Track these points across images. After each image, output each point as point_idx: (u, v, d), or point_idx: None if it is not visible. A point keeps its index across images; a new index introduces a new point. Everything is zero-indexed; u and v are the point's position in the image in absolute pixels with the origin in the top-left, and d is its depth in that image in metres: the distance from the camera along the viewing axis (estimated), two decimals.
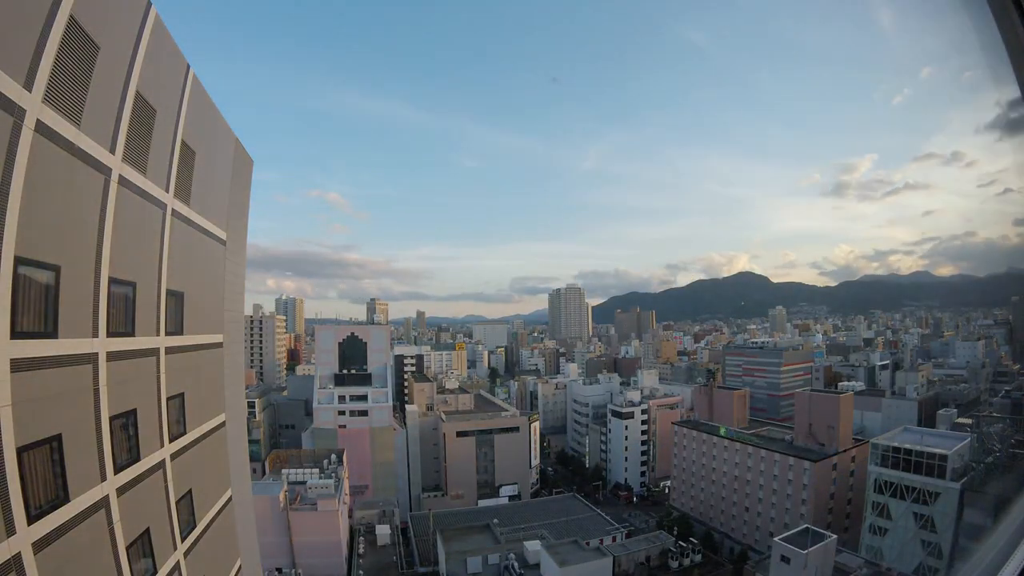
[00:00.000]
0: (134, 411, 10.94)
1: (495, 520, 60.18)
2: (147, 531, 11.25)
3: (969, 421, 67.81)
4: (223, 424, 16.64)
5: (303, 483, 54.20)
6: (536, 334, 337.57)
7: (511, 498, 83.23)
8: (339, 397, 79.60)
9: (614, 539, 55.26)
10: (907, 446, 49.32)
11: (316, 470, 57.67)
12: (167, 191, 12.38)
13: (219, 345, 16.57)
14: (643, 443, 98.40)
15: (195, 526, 13.97)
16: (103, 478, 9.56)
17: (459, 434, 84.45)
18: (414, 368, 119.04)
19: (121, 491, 10.18)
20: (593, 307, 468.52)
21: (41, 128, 7.64)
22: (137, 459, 10.98)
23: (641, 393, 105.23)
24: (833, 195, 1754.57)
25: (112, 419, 9.89)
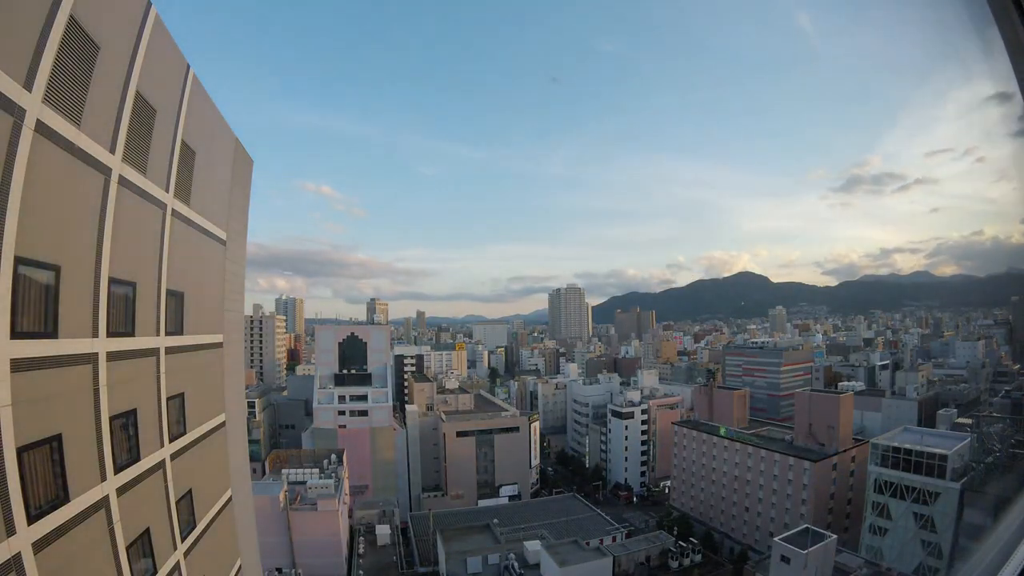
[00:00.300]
0: (134, 411, 10.93)
1: (495, 520, 60.19)
2: (147, 531, 11.24)
3: (969, 421, 67.82)
4: (223, 424, 16.62)
5: (303, 483, 54.20)
6: (536, 334, 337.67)
7: (511, 498, 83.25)
8: (339, 397, 79.61)
9: (614, 539, 55.26)
10: (907, 446, 49.32)
11: (316, 470, 57.67)
12: (167, 191, 12.38)
13: (219, 345, 16.55)
14: (643, 443, 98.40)
15: (195, 526, 13.96)
16: (103, 478, 9.55)
17: (459, 434, 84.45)
18: (414, 368, 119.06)
19: (121, 491, 10.17)
20: (593, 307, 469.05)
21: (41, 128, 7.63)
22: (137, 459, 10.97)
23: (641, 393, 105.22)
24: (834, 195, 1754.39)
25: (112, 419, 9.88)
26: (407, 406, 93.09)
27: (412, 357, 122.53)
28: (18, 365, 7.35)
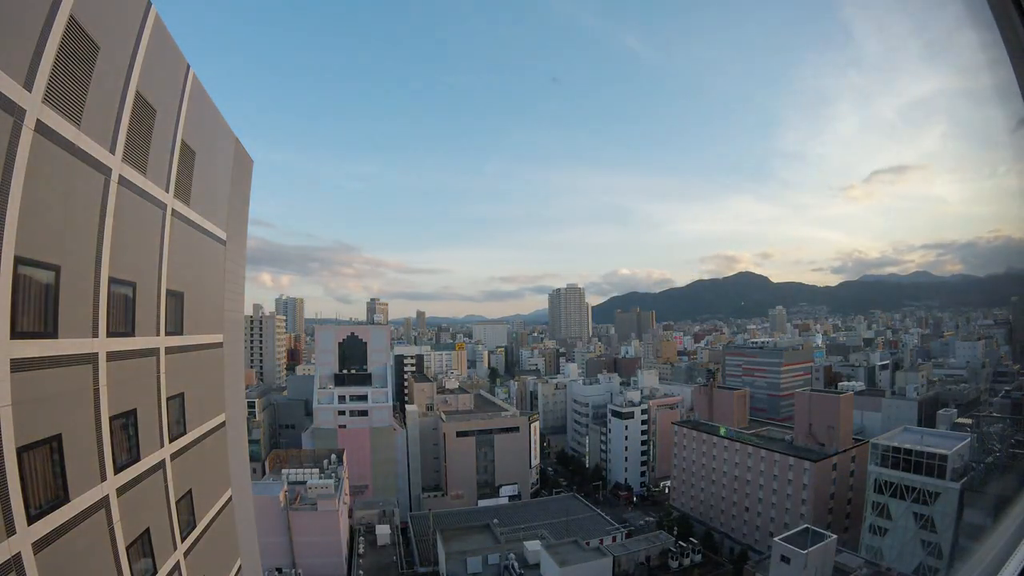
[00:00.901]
0: (134, 411, 10.94)
1: (495, 520, 60.26)
2: (147, 531, 11.24)
3: (969, 421, 67.94)
4: (223, 424, 16.63)
5: (303, 483, 54.25)
6: (536, 334, 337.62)
7: (511, 498, 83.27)
8: (339, 397, 79.65)
9: (614, 539, 55.27)
10: (907, 446, 49.32)
11: (316, 470, 57.74)
12: (167, 191, 12.38)
13: (219, 345, 16.56)
14: (643, 443, 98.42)
15: (195, 526, 13.97)
16: (103, 478, 9.56)
17: (459, 434, 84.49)
18: (414, 368, 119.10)
19: (121, 491, 10.17)
20: (593, 307, 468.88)
21: (41, 128, 7.63)
22: (137, 459, 10.97)
23: (641, 393, 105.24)
24: (835, 195, 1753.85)
25: (112, 419, 9.88)
26: (407, 406, 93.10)
27: (412, 357, 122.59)
28: (18, 365, 7.35)
